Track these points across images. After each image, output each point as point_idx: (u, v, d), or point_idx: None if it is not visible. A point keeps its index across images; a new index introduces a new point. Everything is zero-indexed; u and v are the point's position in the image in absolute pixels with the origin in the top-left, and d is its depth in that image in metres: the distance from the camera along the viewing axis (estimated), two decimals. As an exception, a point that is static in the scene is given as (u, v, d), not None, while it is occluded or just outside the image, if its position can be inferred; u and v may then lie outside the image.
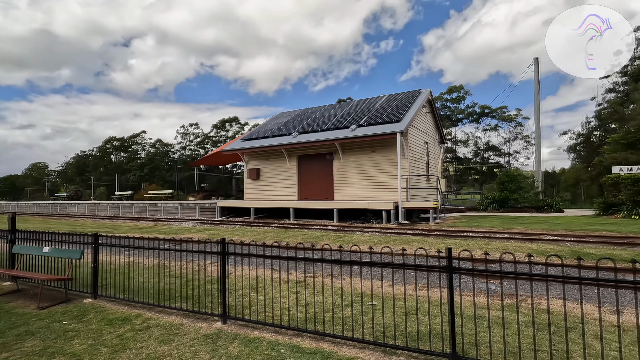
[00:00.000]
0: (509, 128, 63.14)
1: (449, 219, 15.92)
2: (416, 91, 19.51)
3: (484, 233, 11.11)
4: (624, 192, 14.08)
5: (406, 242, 9.42)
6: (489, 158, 67.60)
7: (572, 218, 14.90)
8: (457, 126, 69.14)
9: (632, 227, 11.32)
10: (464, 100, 66.94)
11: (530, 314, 4.28)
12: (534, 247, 8.35)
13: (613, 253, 7.47)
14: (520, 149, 60.72)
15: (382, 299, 4.32)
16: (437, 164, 21.19)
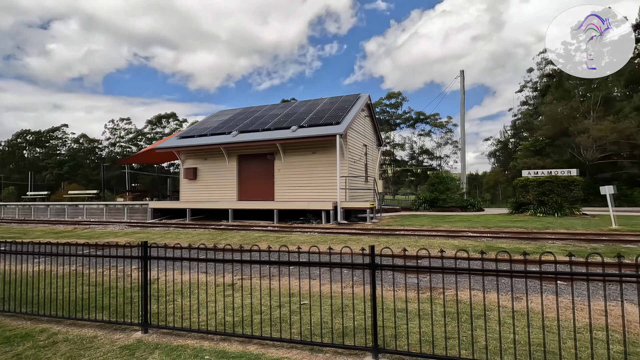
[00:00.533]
0: (441, 134, 68.15)
1: (385, 219, 16.71)
2: (356, 95, 20.18)
3: (415, 231, 11.84)
4: (531, 193, 16.01)
5: (343, 242, 9.68)
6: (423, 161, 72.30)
7: (490, 216, 16.55)
8: (395, 130, 72.85)
9: (536, 224, 12.90)
10: (401, 106, 70.65)
11: (448, 305, 4.65)
12: (456, 243, 9.11)
13: (519, 247, 8.44)
14: (450, 153, 65.91)
15: (310, 298, 4.39)
16: (375, 166, 22.13)
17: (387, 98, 72.04)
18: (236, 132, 18.27)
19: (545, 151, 28.93)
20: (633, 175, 25.71)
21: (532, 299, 4.77)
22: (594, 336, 3.68)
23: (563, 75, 33.23)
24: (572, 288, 2.98)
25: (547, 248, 8.23)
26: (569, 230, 11.29)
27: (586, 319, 4.10)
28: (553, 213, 15.38)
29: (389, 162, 73.21)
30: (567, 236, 10.10)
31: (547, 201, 15.70)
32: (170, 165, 52.15)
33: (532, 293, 5.03)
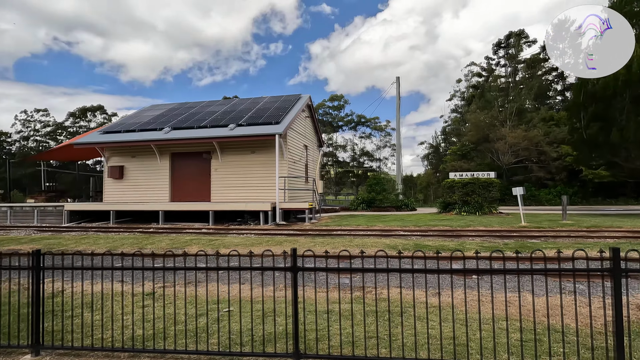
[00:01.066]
0: (380, 136, 71.25)
1: (324, 219, 16.89)
2: (297, 95, 20.15)
3: (351, 231, 12.12)
4: (457, 193, 17.35)
5: (279, 243, 9.53)
6: (364, 162, 74.83)
7: (421, 215, 17.59)
8: (338, 132, 74.35)
9: (460, 222, 13.99)
10: (343, 109, 72.46)
11: (373, 304, 4.75)
12: (387, 241, 9.48)
13: (443, 244, 9.02)
14: (388, 155, 69.27)
15: (240, 303, 4.18)
16: (316, 167, 22.32)
17: (330, 100, 73.40)
18: (169, 129, 17.14)
19: (470, 155, 31.64)
20: (540, 177, 29.21)
21: (447, 293, 5.07)
22: (499, 326, 4.00)
23: (485, 87, 36.72)
24: (478, 284, 3.19)
25: (467, 245, 8.91)
26: (487, 227, 12.39)
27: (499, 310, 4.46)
28: (475, 212, 16.81)
29: (331, 163, 74.67)
30: (485, 233, 11.06)
31: (470, 201, 17.12)
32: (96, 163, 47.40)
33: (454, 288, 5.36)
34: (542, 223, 13.10)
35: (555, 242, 9.24)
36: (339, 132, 74.87)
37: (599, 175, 26.75)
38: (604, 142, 13.98)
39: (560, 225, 12.43)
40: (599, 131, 13.95)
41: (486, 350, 3.42)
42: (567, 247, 8.43)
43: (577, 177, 28.47)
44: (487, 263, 6.68)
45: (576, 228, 11.80)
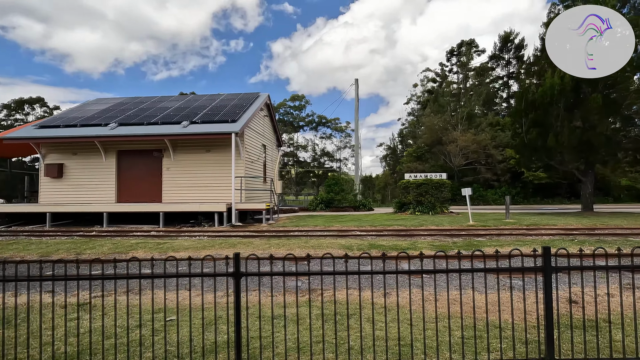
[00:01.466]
0: (341, 137, 72.17)
1: (282, 220, 16.69)
2: (255, 94, 19.74)
3: (308, 232, 12.04)
4: (411, 194, 17.94)
5: (232, 245, 9.21)
6: (325, 163, 75.44)
7: (377, 215, 17.97)
8: (299, 132, 74.16)
9: (414, 222, 14.45)
10: (304, 109, 72.49)
11: (325, 307, 4.68)
12: (343, 242, 9.51)
13: (397, 244, 9.22)
14: (348, 156, 70.32)
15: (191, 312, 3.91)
16: (275, 167, 22.03)
17: (292, 100, 73.07)
18: (115, 125, 16.01)
19: (425, 157, 32.95)
20: (487, 179, 31.12)
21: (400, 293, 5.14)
22: (445, 324, 4.10)
23: (439, 92, 38.46)
24: (422, 285, 3.22)
25: (419, 244, 9.18)
26: (438, 227, 12.90)
27: (445, 309, 4.58)
28: (428, 211, 17.47)
29: (292, 163, 74.42)
30: (436, 232, 11.50)
31: (423, 201, 17.77)
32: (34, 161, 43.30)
33: (403, 288, 5.44)
34: (488, 222, 13.89)
35: (498, 240, 9.80)
36: (300, 132, 74.73)
37: (538, 177, 29.05)
38: (542, 147, 15.16)
39: (503, 224, 13.25)
40: (537, 136, 15.11)
41: (430, 349, 3.48)
42: (509, 245, 8.97)
43: (519, 179, 30.69)
44: (433, 262, 6.90)
45: (517, 226, 12.64)
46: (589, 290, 5.04)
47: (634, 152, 15.06)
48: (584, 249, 3.73)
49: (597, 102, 13.15)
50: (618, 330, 3.88)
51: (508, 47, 41.13)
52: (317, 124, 71.99)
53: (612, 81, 13.26)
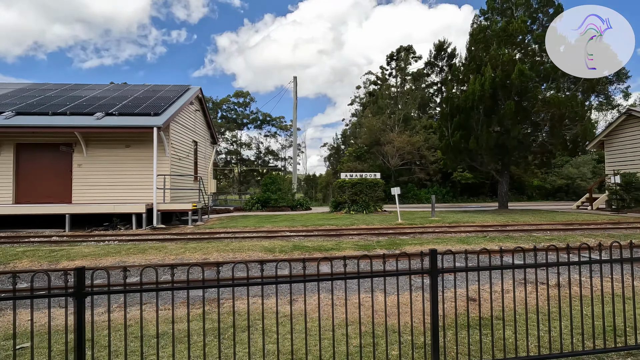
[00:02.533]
0: (285, 136, 71.58)
1: (212, 220, 15.77)
2: (185, 86, 18.48)
3: (235, 233, 11.42)
4: (347, 193, 18.08)
5: (142, 251, 8.30)
6: (269, 161, 74.26)
7: (313, 215, 17.82)
8: (243, 130, 72.14)
9: (346, 221, 14.49)
10: (249, 106, 70.61)
11: (224, 320, 4.22)
12: (266, 244, 9.08)
13: (322, 244, 9.03)
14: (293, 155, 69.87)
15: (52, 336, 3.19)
16: (208, 165, 20.88)
17: (236, 96, 70.83)
18: (11, 113, 13.85)
19: (364, 157, 33.72)
20: (421, 178, 32.76)
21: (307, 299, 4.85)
22: (345, 332, 3.87)
23: (379, 94, 39.69)
24: (318, 292, 2.92)
25: (344, 244, 9.08)
26: (368, 225, 13.04)
27: (350, 315, 4.37)
28: (362, 210, 17.73)
29: (235, 162, 72.21)
30: (364, 231, 11.58)
31: (358, 200, 18.00)
32: None
33: (311, 293, 5.17)
34: (415, 220, 14.40)
35: (420, 238, 10.09)
36: (244, 130, 72.78)
37: (465, 177, 31.26)
38: (464, 149, 16.18)
39: (429, 222, 13.82)
40: (461, 139, 16.09)
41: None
42: (430, 243, 9.25)
43: (449, 179, 32.75)
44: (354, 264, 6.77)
45: (441, 224, 13.25)
46: (488, 288, 5.20)
47: (541, 155, 16.73)
48: (487, 246, 3.75)
49: (510, 108, 14.33)
50: (510, 326, 3.97)
51: (442, 55, 43.84)
52: (261, 122, 70.54)
53: (523, 90, 14.56)
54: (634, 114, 16.90)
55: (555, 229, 11.52)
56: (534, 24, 17.07)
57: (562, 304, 4.39)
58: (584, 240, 9.39)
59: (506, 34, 15.34)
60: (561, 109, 13.75)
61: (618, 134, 17.83)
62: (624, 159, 17.55)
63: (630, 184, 15.89)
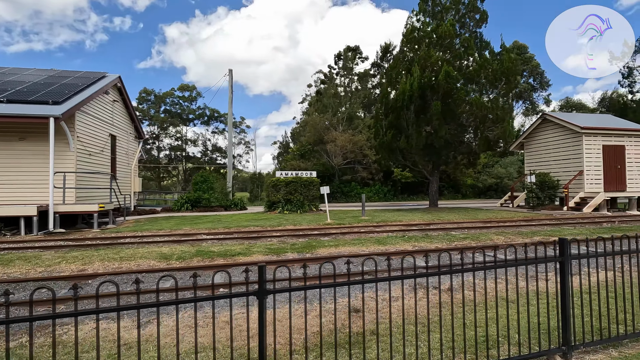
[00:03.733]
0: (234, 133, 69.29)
1: (127, 223, 14.28)
2: (99, 73, 16.61)
3: (143, 237, 10.27)
4: (281, 192, 17.44)
5: (6, 263, 6.97)
6: (217, 159, 71.38)
7: (244, 215, 16.93)
8: (189, 125, 68.59)
9: (275, 222, 13.85)
10: (195, 101, 67.22)
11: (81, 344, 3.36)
12: (165, 250, 8.13)
13: (230, 249, 8.27)
14: (243, 152, 67.91)
15: None
16: (132, 162, 19.08)
17: (180, 90, 67.09)
18: None
19: (308, 155, 33.34)
20: (364, 177, 33.11)
21: (162, 322, 4.12)
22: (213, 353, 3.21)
23: (324, 93, 39.58)
24: (158, 315, 2.21)
25: (256, 248, 8.43)
26: (295, 226, 12.50)
27: (202, 338, 3.71)
28: (297, 210, 17.20)
29: (180, 159, 68.49)
30: (288, 232, 11.01)
31: (292, 199, 17.44)
32: None
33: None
34: (346, 220, 14.15)
35: (342, 239, 9.74)
36: (189, 126, 69.32)
37: (405, 176, 32.12)
38: (396, 148, 16.32)
39: (357, 221, 13.63)
40: (393, 138, 16.20)
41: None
42: (347, 244, 8.90)
43: (390, 178, 33.47)
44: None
45: (369, 223, 13.11)
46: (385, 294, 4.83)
47: (467, 155, 17.42)
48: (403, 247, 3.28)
49: (437, 109, 14.64)
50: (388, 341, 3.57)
51: (387, 57, 44.82)
52: (209, 118, 67.56)
53: (449, 91, 14.96)
54: (548, 118, 18.21)
55: (474, 227, 11.84)
56: (462, 28, 17.66)
57: (447, 312, 4.09)
58: (494, 239, 9.63)
59: (435, 36, 15.68)
60: (483, 110, 14.34)
61: (535, 137, 19.13)
62: (540, 159, 18.87)
63: (544, 183, 17.06)
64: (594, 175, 16.49)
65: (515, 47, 43.79)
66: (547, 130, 18.41)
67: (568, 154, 17.15)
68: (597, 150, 16.53)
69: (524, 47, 43.32)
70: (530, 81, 43.42)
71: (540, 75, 43.20)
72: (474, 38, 16.81)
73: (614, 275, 3.93)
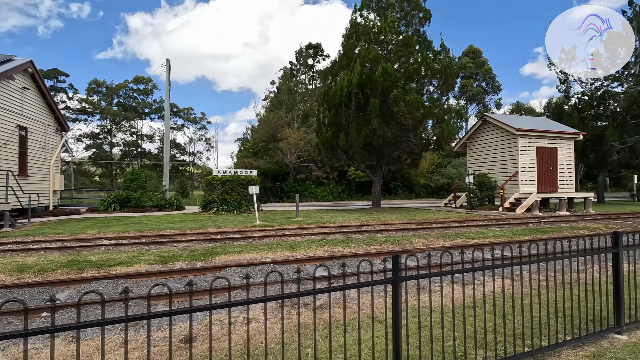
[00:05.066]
0: (194, 129, 66.54)
1: (30, 226, 12.68)
2: (4, 56, 14.73)
3: (28, 243, 8.97)
4: (216, 191, 16.38)
5: None
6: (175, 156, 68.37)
7: (175, 216, 15.71)
8: (144, 120, 65.31)
9: (200, 223, 12.81)
10: (152, 94, 64.09)
11: None
12: (30, 260, 6.95)
13: (114, 257, 7.24)
14: (203, 149, 65.44)
15: None
16: (52, 157, 17.21)
17: (135, 82, 63.75)
18: None
19: (262, 153, 32.30)
20: (319, 176, 32.56)
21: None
22: None
23: (280, 89, 38.65)
24: None
25: (146, 256, 7.44)
26: (217, 229, 11.56)
27: None
28: (233, 210, 16.22)
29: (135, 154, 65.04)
30: (204, 236, 10.07)
31: (229, 199, 16.44)
32: None
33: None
34: (277, 221, 13.39)
35: (255, 243, 8.97)
36: (146, 120, 65.97)
37: (359, 176, 31.88)
38: (337, 146, 15.78)
39: (289, 223, 12.91)
40: (333, 136, 15.64)
41: None
42: (258, 250, 8.15)
43: (345, 177, 33.15)
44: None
45: (299, 225, 12.42)
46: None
47: (409, 155, 17.23)
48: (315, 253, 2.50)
49: (375, 106, 14.23)
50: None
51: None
52: (167, 113, 64.43)
53: (388, 89, 14.61)
54: (488, 119, 18.44)
55: (404, 229, 11.46)
56: (408, 27, 17.41)
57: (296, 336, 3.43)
58: (414, 242, 9.25)
59: (377, 32, 15.28)
60: (420, 109, 14.11)
61: (477, 138, 19.35)
62: (481, 160, 19.12)
63: (482, 184, 17.22)
64: (528, 176, 16.84)
65: (470, 51, 45.11)
66: (487, 131, 18.65)
67: (505, 155, 17.42)
68: (531, 151, 16.89)
69: (478, 51, 44.70)
70: (483, 85, 44.89)
71: (492, 79, 44.76)
72: (417, 36, 16.61)
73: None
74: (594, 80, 22.08)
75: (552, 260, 3.30)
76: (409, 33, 16.30)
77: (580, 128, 20.55)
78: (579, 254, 3.38)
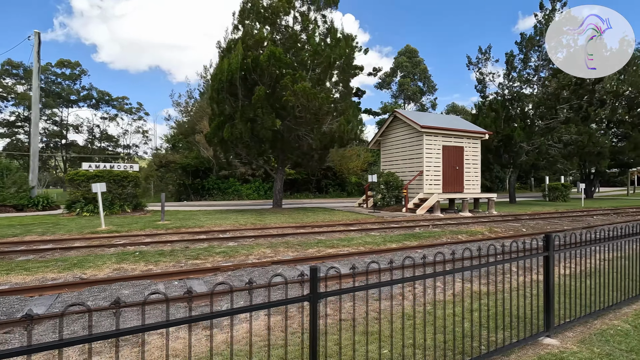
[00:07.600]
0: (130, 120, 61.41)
1: None
2: None
3: None
4: (80, 189, 13.88)
5: None
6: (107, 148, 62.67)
7: (21, 219, 13.00)
8: (71, 108, 59.40)
9: (42, 228, 10.42)
10: (80, 80, 58.27)
11: None
12: None
13: None
14: (140, 142, 60.52)
15: None
16: None
17: (59, 66, 57.51)
18: None
19: (177, 147, 29.62)
20: (244, 173, 30.49)
21: None
22: None
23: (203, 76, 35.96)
24: None
25: None
26: (41, 237, 9.28)
27: None
28: (103, 211, 13.80)
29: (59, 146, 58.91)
30: (12, 247, 7.82)
31: (97, 198, 13.99)
32: None
33: None
34: (132, 225, 11.31)
35: (62, 257, 6.92)
36: (72, 108, 59.84)
37: (288, 173, 30.29)
38: (222, 138, 13.98)
39: (143, 227, 10.88)
40: (218, 127, 13.82)
41: None
42: (34, 272, 6.14)
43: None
44: None
45: (156, 230, 10.46)
46: None
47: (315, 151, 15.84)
48: None
49: (260, 94, 12.59)
50: None
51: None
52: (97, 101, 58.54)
53: (277, 76, 13.02)
54: (398, 116, 17.59)
55: (272, 234, 9.91)
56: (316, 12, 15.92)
57: None
58: (268, 252, 7.70)
59: (270, 12, 13.63)
60: (311, 100, 12.67)
61: (389, 135, 18.49)
62: (392, 158, 18.27)
63: (388, 183, 16.30)
64: (433, 176, 16.18)
65: (407, 50, 45.26)
66: (397, 128, 17.83)
67: (412, 153, 16.65)
68: (437, 150, 16.25)
69: (414, 50, 44.97)
70: (419, 84, 45.29)
71: (427, 80, 45.30)
72: (323, 22, 15.20)
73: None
74: (507, 82, 22.28)
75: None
76: (309, 16, 14.80)
77: (492, 128, 20.52)
78: (512, 259, 3.08)
